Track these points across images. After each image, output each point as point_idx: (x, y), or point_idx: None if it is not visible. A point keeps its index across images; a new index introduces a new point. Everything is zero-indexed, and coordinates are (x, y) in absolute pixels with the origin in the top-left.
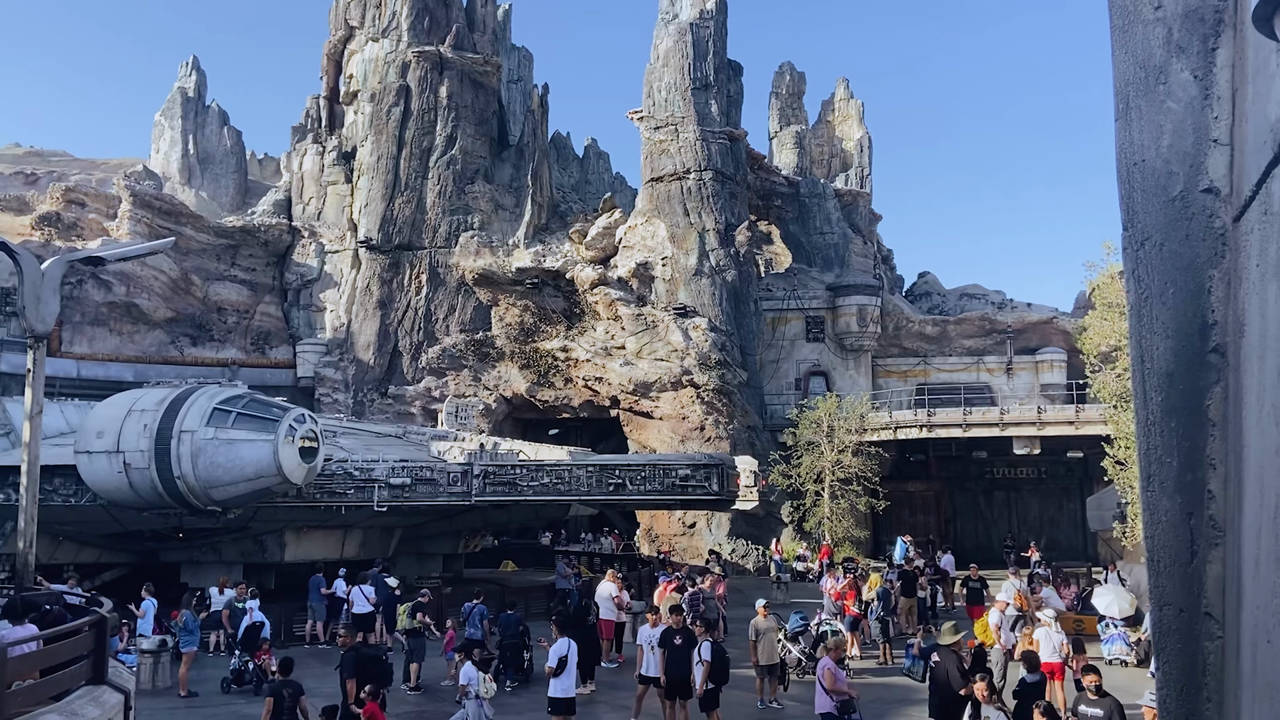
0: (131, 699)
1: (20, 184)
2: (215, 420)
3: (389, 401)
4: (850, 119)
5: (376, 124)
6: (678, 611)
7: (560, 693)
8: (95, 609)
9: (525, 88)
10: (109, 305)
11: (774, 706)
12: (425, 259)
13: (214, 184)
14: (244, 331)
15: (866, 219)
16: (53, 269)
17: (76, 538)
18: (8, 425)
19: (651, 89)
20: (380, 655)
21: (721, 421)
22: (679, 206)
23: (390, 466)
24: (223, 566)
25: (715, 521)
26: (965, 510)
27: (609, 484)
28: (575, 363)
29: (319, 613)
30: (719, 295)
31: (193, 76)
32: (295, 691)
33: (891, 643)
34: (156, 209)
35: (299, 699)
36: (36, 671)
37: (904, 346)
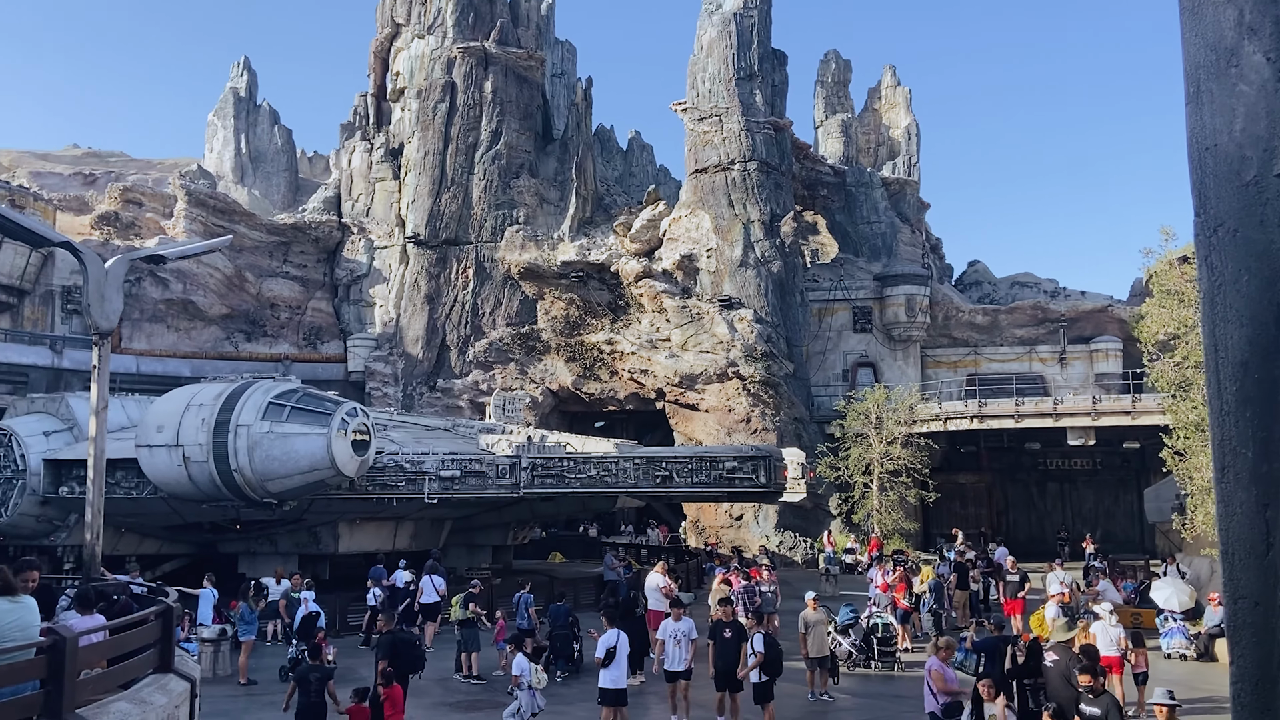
0: (197, 687)
1: (80, 184)
2: (270, 414)
3: (437, 395)
4: (897, 106)
5: (423, 120)
6: (726, 604)
7: (610, 683)
8: (161, 599)
9: (569, 81)
10: (167, 302)
11: (825, 699)
12: (472, 253)
13: (266, 182)
14: (296, 327)
15: (914, 207)
16: (116, 268)
17: (138, 529)
18: (71, 420)
19: (695, 80)
20: (414, 641)
21: (768, 413)
22: (723, 198)
23: (440, 459)
24: (279, 557)
25: (762, 514)
26: (1018, 502)
27: (656, 476)
28: (620, 355)
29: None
30: (764, 286)
31: (244, 77)
32: (322, 675)
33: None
34: (211, 207)
35: (326, 682)
36: (104, 660)
37: (954, 336)
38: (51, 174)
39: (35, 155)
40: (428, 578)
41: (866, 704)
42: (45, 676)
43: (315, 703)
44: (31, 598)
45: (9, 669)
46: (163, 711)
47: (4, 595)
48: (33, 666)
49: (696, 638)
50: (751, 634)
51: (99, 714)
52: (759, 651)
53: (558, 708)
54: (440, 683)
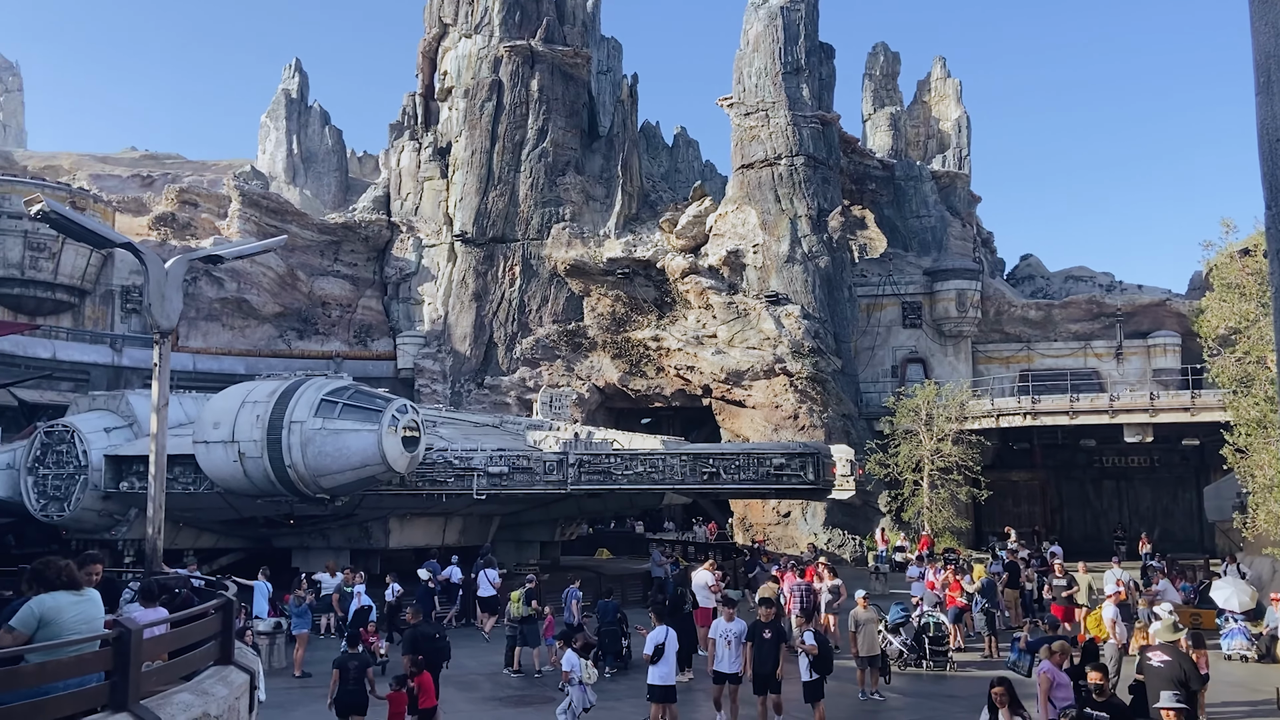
0: (256, 679)
1: (137, 186)
2: (323, 411)
3: (485, 392)
4: (947, 98)
5: (470, 119)
6: (767, 605)
7: (659, 680)
8: (220, 592)
9: (615, 78)
10: (221, 301)
11: (875, 698)
12: (518, 251)
13: (317, 182)
14: (347, 325)
15: (965, 201)
16: (175, 268)
17: (196, 524)
18: (131, 417)
19: (741, 75)
20: (434, 634)
21: (816, 410)
22: (770, 193)
23: (488, 455)
24: (331, 552)
25: (810, 511)
26: (1073, 500)
27: (703, 473)
28: (667, 352)
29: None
30: (812, 282)
31: (295, 78)
32: (361, 664)
33: (997, 636)
34: (264, 208)
35: (365, 670)
36: (166, 652)
37: (1006, 332)
38: (111, 176)
39: (95, 158)
40: (484, 572)
41: (918, 703)
42: (111, 668)
43: (354, 690)
44: (95, 591)
45: (76, 661)
46: (223, 703)
47: (68, 589)
48: (99, 658)
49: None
50: (801, 631)
51: (163, 705)
52: (811, 645)
53: (606, 703)
54: (490, 677)
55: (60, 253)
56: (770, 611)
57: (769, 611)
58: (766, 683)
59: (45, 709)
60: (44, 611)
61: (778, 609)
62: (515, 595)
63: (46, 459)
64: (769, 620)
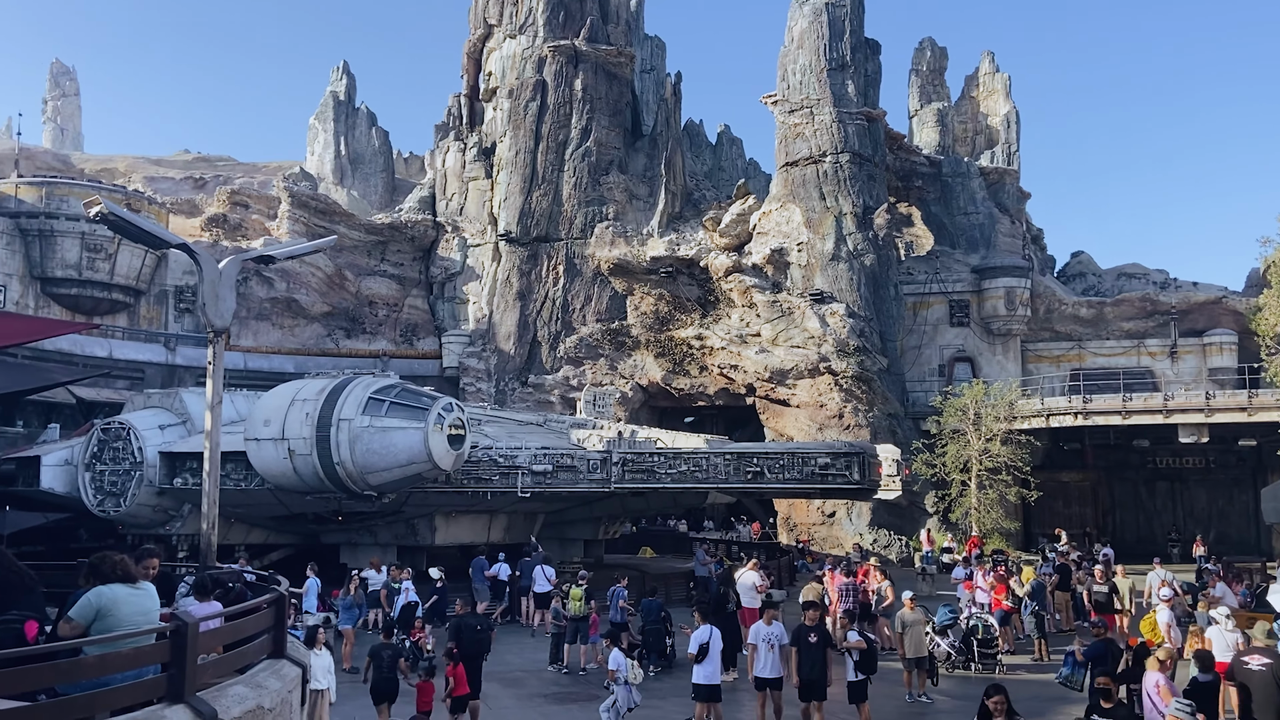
0: (308, 673)
1: (190, 188)
2: (370, 409)
3: (529, 390)
4: (996, 93)
5: (514, 119)
6: (813, 608)
7: (704, 679)
8: (273, 587)
9: (658, 77)
10: (271, 301)
11: (922, 700)
12: (562, 250)
13: (364, 183)
14: (393, 324)
15: (1014, 197)
16: (229, 268)
17: (246, 520)
18: (184, 414)
19: (786, 72)
20: (476, 625)
21: (861, 409)
22: (814, 190)
23: (533, 454)
24: (378, 548)
25: (855, 511)
26: (1125, 502)
27: (747, 472)
28: (710, 350)
29: (482, 594)
30: (857, 280)
31: (343, 81)
32: (394, 654)
33: (1047, 639)
34: (312, 209)
35: (397, 660)
36: (220, 645)
37: (1056, 330)
38: (164, 179)
39: (149, 161)
40: (539, 568)
41: (965, 706)
42: (168, 660)
43: (388, 677)
44: (150, 584)
45: (135, 653)
46: (277, 695)
47: (123, 583)
48: (156, 650)
49: (787, 643)
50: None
51: (218, 697)
52: (858, 640)
53: (651, 702)
54: (535, 674)
55: (116, 254)
56: (815, 614)
57: (814, 615)
58: (813, 689)
59: (105, 700)
60: (102, 604)
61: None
62: (576, 593)
63: (103, 455)
64: (814, 623)
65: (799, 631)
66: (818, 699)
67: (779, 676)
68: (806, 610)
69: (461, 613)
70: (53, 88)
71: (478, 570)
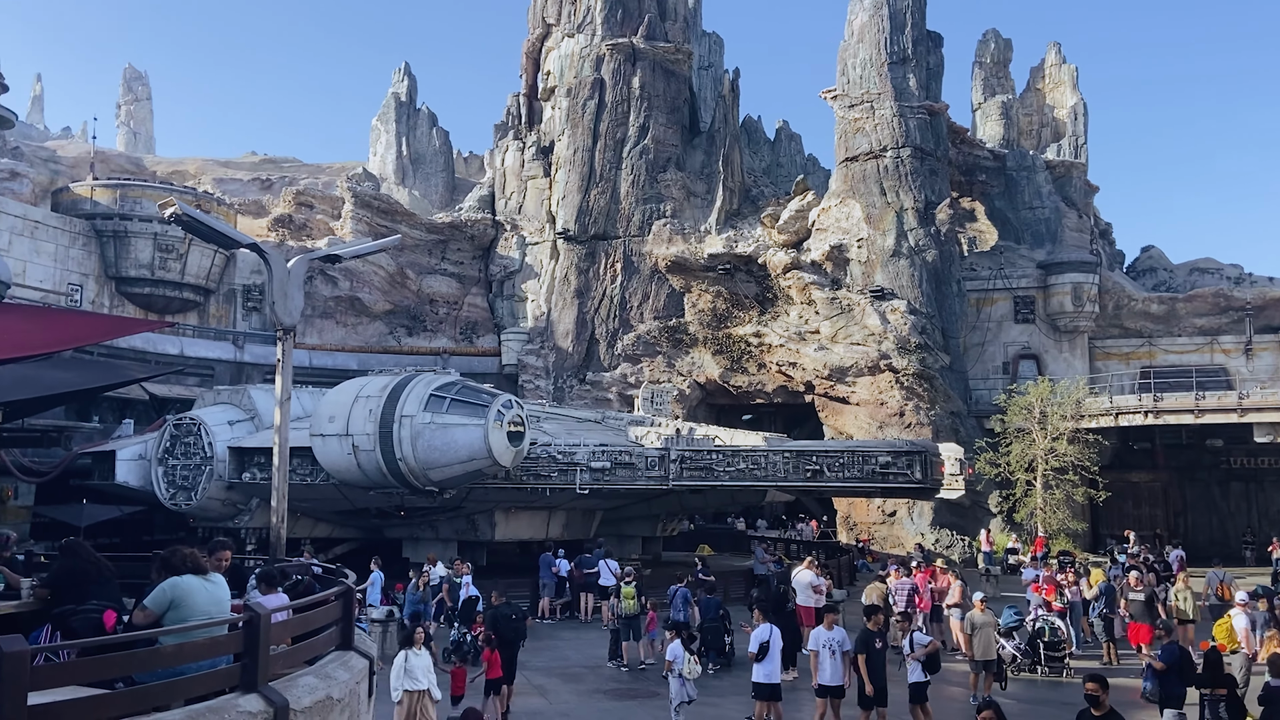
0: (375, 664)
1: (257, 189)
2: (431, 406)
3: (587, 387)
4: (1062, 85)
5: (572, 118)
6: (876, 613)
7: (764, 678)
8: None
9: (716, 73)
10: (335, 299)
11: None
12: (620, 248)
13: (425, 183)
14: (453, 322)
15: (1081, 191)
16: (297, 267)
17: (312, 514)
18: (252, 410)
19: (846, 66)
20: (511, 614)
21: (922, 407)
22: (875, 186)
23: (591, 451)
24: (439, 544)
25: (917, 510)
26: (1197, 503)
27: (806, 470)
28: (768, 348)
29: (549, 589)
30: (918, 276)
31: (405, 82)
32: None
33: (1116, 643)
34: (375, 208)
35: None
36: (289, 637)
37: (1125, 327)
38: (233, 180)
39: (218, 163)
40: (604, 562)
41: (1031, 710)
42: (241, 650)
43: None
44: (221, 576)
45: (210, 643)
46: (345, 686)
47: (195, 574)
48: (230, 640)
49: (849, 649)
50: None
51: (289, 687)
52: (925, 644)
53: (710, 699)
54: (594, 670)
55: (187, 254)
56: (880, 619)
57: (878, 619)
58: (881, 696)
59: (181, 688)
60: (176, 594)
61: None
62: (628, 591)
63: (175, 450)
64: (879, 628)
65: (865, 637)
66: (881, 705)
67: (841, 685)
68: (871, 615)
69: (497, 604)
70: (126, 92)
71: (545, 565)
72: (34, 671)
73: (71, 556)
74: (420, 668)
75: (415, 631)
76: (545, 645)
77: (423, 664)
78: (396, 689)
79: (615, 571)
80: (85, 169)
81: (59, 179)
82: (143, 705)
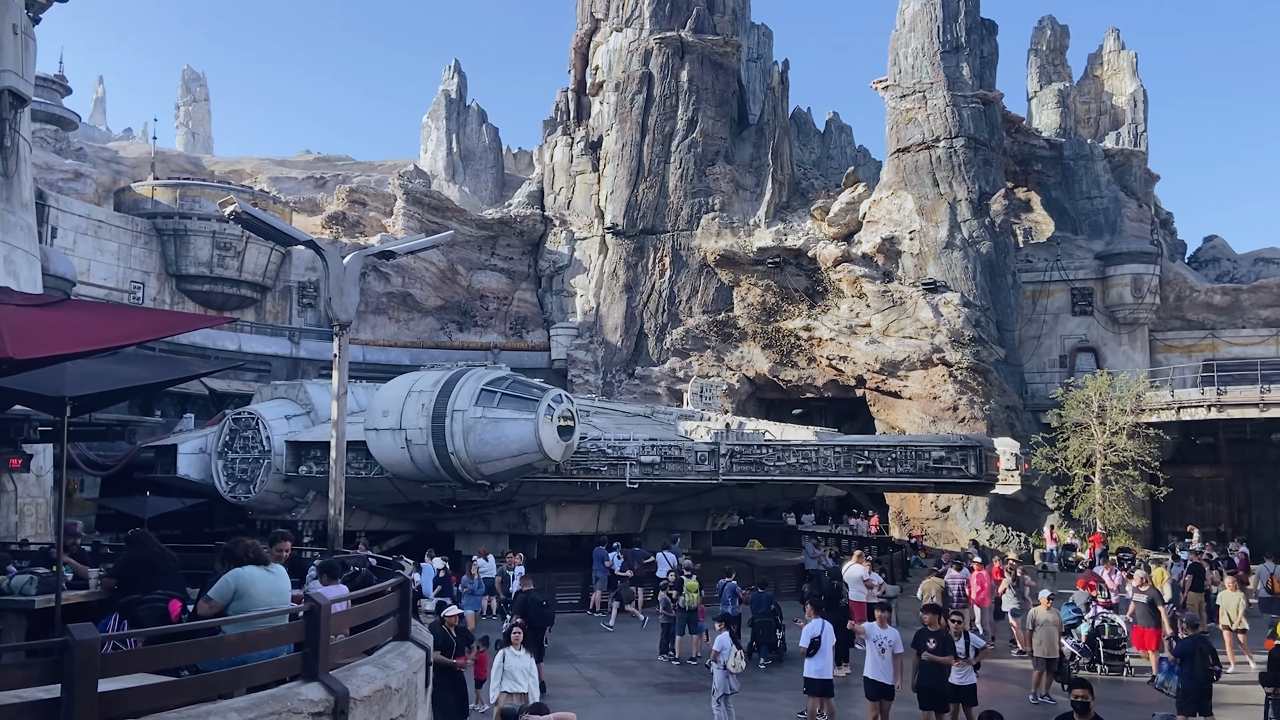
0: (431, 655)
1: (311, 187)
2: (483, 400)
3: (635, 382)
4: (1121, 72)
5: (621, 112)
6: (934, 611)
7: (816, 673)
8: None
9: (765, 65)
10: (388, 295)
11: (1046, 700)
12: (668, 242)
13: (474, 179)
14: (503, 317)
15: (1141, 180)
16: (353, 263)
17: (366, 507)
18: (309, 405)
19: (897, 56)
20: (541, 600)
21: (976, 401)
22: (927, 177)
23: (640, 445)
24: (491, 537)
25: (971, 506)
26: (1263, 499)
27: (857, 465)
28: (819, 342)
29: (601, 582)
30: (972, 268)
31: (454, 79)
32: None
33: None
34: (426, 205)
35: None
36: (348, 627)
37: (1187, 318)
38: (287, 178)
39: (274, 161)
40: (662, 554)
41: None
42: (302, 640)
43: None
44: (281, 567)
45: (272, 632)
46: (403, 676)
47: (256, 565)
48: (292, 629)
49: (901, 651)
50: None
51: (349, 676)
52: (983, 647)
53: (761, 694)
54: (645, 663)
55: (244, 252)
56: (937, 619)
57: (935, 619)
58: (935, 699)
59: (245, 676)
60: (240, 585)
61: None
62: (691, 585)
63: (234, 444)
64: (936, 629)
65: (920, 636)
66: (939, 710)
67: (892, 685)
68: (926, 613)
69: (525, 590)
70: (184, 93)
71: (598, 559)
72: (104, 659)
73: (139, 547)
74: (519, 669)
75: (513, 631)
76: (596, 638)
77: (522, 665)
78: (495, 689)
79: (672, 563)
80: (146, 169)
81: (121, 179)
82: (209, 692)
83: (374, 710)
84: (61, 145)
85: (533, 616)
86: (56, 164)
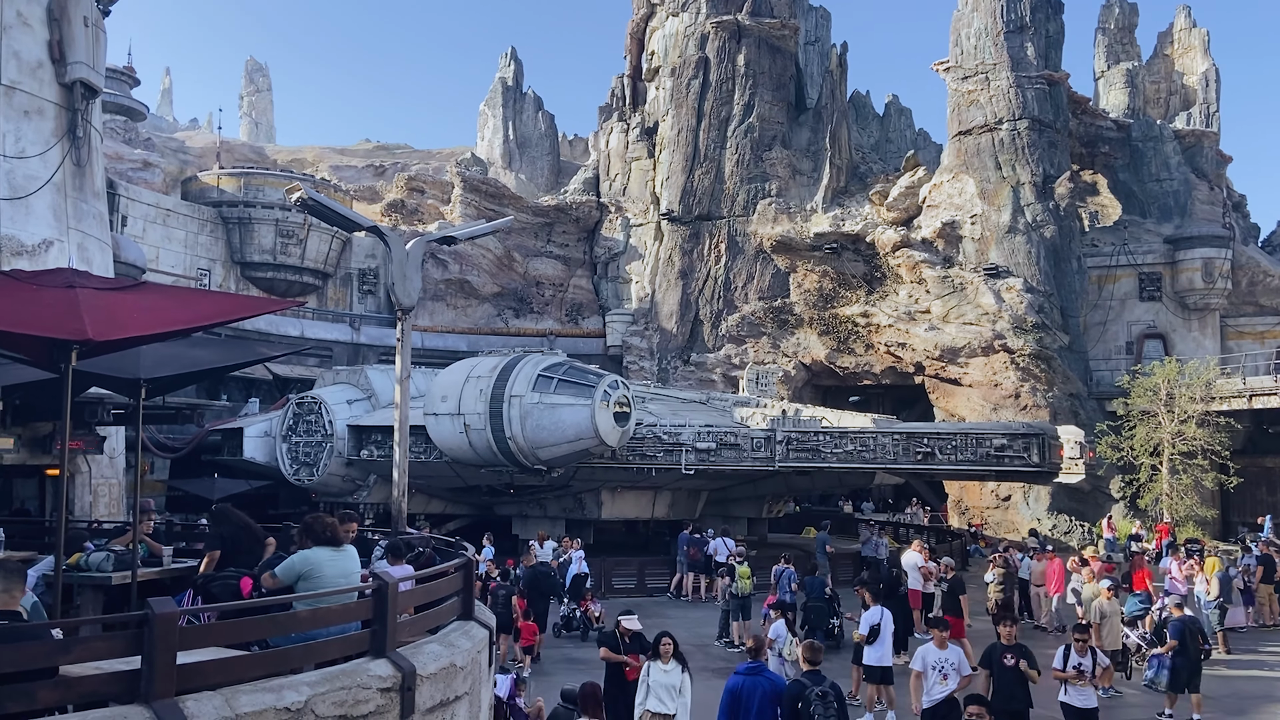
0: (494, 635)
1: (371, 175)
2: (539, 386)
3: (691, 369)
4: (1193, 50)
5: (676, 98)
6: (1007, 622)
7: (875, 661)
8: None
9: (823, 48)
10: (446, 282)
11: (1111, 694)
12: (724, 228)
13: (530, 166)
14: (559, 304)
15: (1213, 162)
16: (415, 249)
17: (426, 490)
18: (369, 390)
19: (959, 36)
20: (549, 573)
21: (1039, 389)
22: (989, 160)
23: (696, 431)
24: (547, 521)
25: (1033, 495)
26: None
27: (916, 453)
28: (876, 328)
29: (684, 566)
30: (1035, 253)
31: (511, 67)
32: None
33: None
34: (483, 192)
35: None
36: (413, 606)
37: (1260, 304)
38: (348, 167)
39: (334, 150)
40: (719, 540)
41: (1155, 700)
42: (371, 617)
43: (502, 613)
44: (352, 547)
45: (342, 609)
46: (467, 655)
47: (330, 544)
48: (361, 607)
49: (969, 673)
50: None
51: (415, 653)
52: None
53: None
54: (702, 649)
55: (306, 239)
56: (1012, 630)
57: (1010, 630)
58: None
59: (316, 651)
60: (307, 568)
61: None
62: (744, 571)
63: (298, 428)
64: (1012, 641)
65: (992, 650)
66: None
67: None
68: (1001, 625)
69: (533, 563)
70: (248, 84)
71: (681, 544)
72: (181, 632)
73: (224, 523)
74: (665, 685)
75: (661, 642)
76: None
77: (669, 681)
78: (639, 706)
79: (730, 549)
80: (211, 158)
81: (187, 169)
82: (281, 666)
83: (439, 687)
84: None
85: (542, 586)
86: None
